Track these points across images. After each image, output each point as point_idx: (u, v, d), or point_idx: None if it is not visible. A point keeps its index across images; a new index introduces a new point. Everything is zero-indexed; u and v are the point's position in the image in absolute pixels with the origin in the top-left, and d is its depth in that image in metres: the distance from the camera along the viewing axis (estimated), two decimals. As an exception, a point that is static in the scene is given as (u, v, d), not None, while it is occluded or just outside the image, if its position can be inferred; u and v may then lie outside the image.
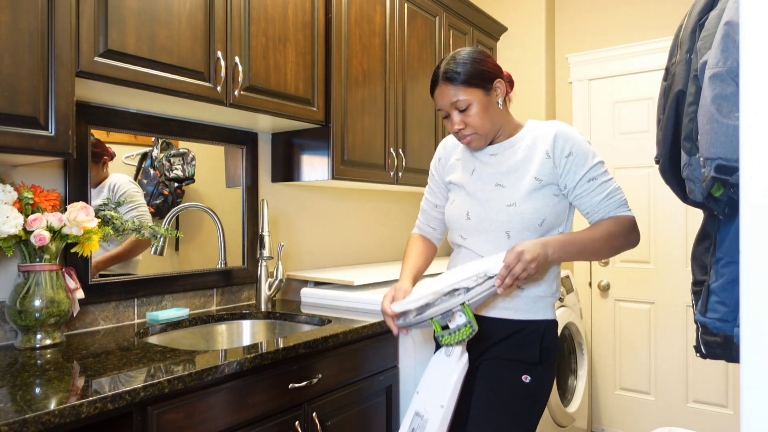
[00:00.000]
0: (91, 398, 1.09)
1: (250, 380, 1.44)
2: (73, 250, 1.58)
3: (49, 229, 1.48)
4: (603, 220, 1.43)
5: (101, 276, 1.79)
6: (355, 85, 2.26)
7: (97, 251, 1.61)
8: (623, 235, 1.41)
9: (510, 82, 1.51)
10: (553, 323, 1.49)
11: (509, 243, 1.42)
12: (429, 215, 1.70)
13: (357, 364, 1.80)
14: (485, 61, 1.44)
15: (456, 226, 1.54)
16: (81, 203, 1.54)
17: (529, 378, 1.39)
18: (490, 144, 1.51)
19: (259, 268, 2.14)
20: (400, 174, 2.51)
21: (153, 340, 1.76)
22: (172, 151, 2.03)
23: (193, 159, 2.08)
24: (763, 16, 0.71)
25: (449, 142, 1.64)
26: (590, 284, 3.35)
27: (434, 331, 1.31)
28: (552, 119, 3.40)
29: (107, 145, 1.83)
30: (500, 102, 1.45)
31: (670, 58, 1.20)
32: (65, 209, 1.54)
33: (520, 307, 1.45)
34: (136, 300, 1.87)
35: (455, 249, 1.59)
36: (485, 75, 1.42)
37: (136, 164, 1.95)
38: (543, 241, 1.34)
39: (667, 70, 1.21)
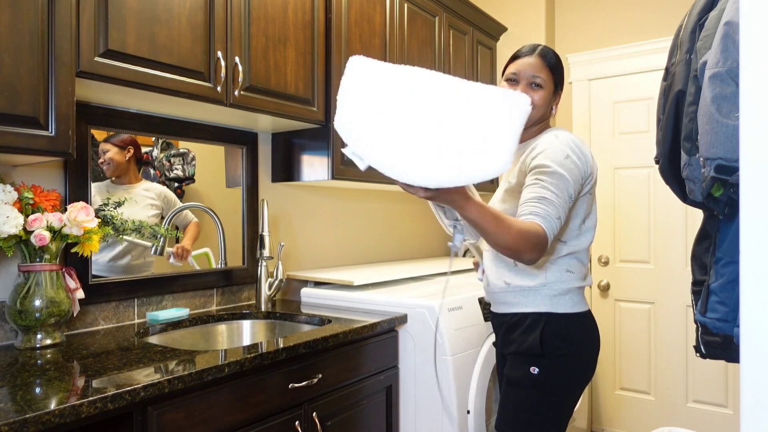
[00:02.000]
0: (91, 398, 1.09)
1: (250, 380, 1.44)
2: (73, 250, 1.58)
3: (50, 229, 1.48)
4: (527, 220, 1.32)
5: (95, 276, 1.80)
6: (355, 85, 2.26)
7: (97, 251, 1.61)
8: (528, 241, 1.27)
9: (559, 100, 1.63)
10: (557, 316, 1.47)
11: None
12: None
13: (357, 364, 1.80)
14: (562, 73, 1.60)
15: None
16: (81, 203, 1.54)
17: (537, 369, 1.44)
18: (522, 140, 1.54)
19: (259, 268, 2.14)
20: (400, 174, 2.51)
21: (153, 340, 1.76)
22: (172, 151, 2.03)
23: (193, 159, 2.08)
24: (763, 16, 0.71)
25: None
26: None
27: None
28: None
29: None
30: (554, 108, 1.59)
31: (670, 58, 1.20)
32: (65, 209, 1.54)
33: (510, 300, 1.54)
34: (136, 300, 1.87)
35: None
36: (561, 78, 1.58)
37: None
38: (466, 197, 1.27)
39: (667, 70, 1.21)
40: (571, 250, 1.51)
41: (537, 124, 1.57)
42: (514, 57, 1.57)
